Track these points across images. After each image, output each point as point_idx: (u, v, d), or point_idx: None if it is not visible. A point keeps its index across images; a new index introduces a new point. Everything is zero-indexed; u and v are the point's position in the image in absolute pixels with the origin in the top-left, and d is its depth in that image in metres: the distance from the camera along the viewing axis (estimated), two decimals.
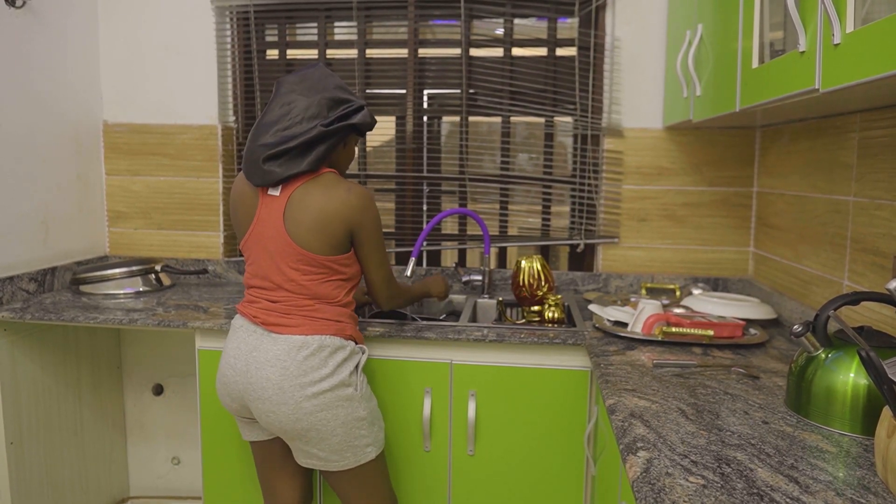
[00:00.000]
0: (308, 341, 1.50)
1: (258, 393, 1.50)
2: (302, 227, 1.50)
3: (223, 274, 2.50)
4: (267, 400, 1.50)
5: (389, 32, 2.46)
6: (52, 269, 2.23)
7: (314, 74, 1.56)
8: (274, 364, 1.49)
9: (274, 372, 1.49)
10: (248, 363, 1.53)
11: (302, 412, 1.48)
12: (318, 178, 1.54)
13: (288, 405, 1.48)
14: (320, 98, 1.51)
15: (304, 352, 1.49)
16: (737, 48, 1.45)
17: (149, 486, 2.56)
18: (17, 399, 1.99)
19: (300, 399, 1.48)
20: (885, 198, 1.43)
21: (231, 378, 1.56)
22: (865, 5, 0.95)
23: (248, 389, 1.52)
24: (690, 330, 1.67)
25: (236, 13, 2.45)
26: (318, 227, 1.50)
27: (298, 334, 1.51)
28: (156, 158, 2.50)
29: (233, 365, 1.55)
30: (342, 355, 1.54)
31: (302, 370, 1.49)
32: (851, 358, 1.12)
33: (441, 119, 2.49)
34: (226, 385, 1.58)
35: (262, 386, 1.50)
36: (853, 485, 0.92)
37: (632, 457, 1.02)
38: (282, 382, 1.48)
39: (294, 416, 1.49)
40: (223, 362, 1.59)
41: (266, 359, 1.50)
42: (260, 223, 1.55)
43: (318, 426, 1.50)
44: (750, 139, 2.23)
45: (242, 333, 1.57)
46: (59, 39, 2.26)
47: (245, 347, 1.54)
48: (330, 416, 1.50)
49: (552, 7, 2.33)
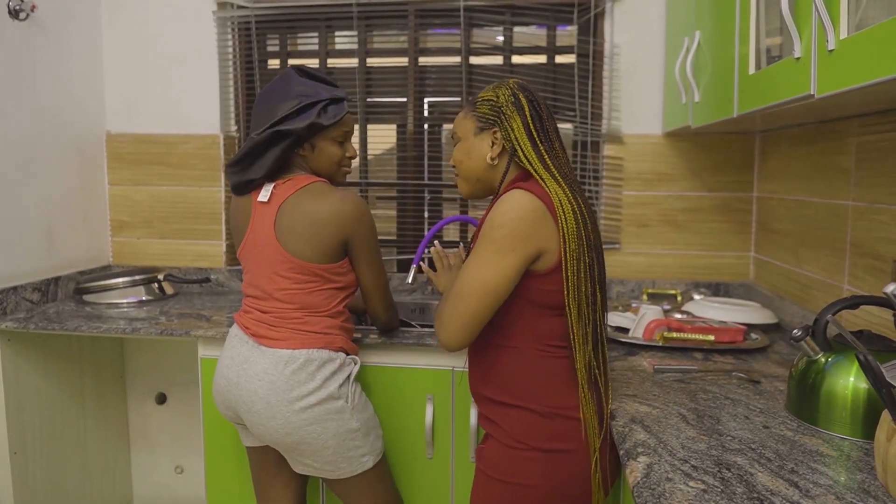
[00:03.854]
0: (295, 355, 1.50)
1: (248, 406, 1.51)
2: (294, 234, 1.51)
3: (225, 283, 2.51)
4: (256, 413, 1.50)
5: (390, 41, 2.47)
6: (56, 278, 2.24)
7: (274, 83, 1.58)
8: (262, 378, 1.50)
9: (262, 386, 1.49)
10: (238, 374, 1.53)
11: (291, 426, 1.48)
12: (308, 186, 1.54)
13: (276, 419, 1.48)
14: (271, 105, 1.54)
15: (291, 366, 1.49)
16: (734, 54, 1.46)
17: (152, 494, 2.57)
18: (20, 409, 2.00)
19: (288, 414, 1.48)
20: (883, 202, 1.43)
21: (224, 387, 1.57)
22: (859, 12, 0.96)
23: (239, 401, 1.53)
24: (691, 335, 1.67)
25: (238, 23, 2.47)
26: (309, 234, 1.50)
27: (285, 348, 1.51)
28: (158, 168, 2.51)
29: (225, 375, 1.56)
30: (331, 368, 1.53)
31: (289, 385, 1.48)
32: (851, 362, 1.12)
33: (442, 126, 2.50)
34: (220, 394, 1.59)
35: (250, 399, 1.50)
36: (853, 489, 0.92)
37: (632, 462, 1.03)
38: (269, 397, 1.48)
39: (283, 430, 1.49)
40: (217, 371, 1.60)
41: (255, 372, 1.51)
42: (253, 231, 1.56)
43: (309, 439, 1.50)
44: (749, 144, 2.24)
45: (236, 343, 1.58)
46: (62, 51, 2.28)
47: (237, 358, 1.55)
48: (320, 430, 1.50)
49: (551, 15, 2.34)
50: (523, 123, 1.24)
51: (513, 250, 1.15)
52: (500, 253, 1.15)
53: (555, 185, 1.19)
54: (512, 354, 1.24)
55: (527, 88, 1.28)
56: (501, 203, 1.17)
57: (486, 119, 1.28)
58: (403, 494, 1.83)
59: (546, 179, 1.20)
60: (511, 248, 1.14)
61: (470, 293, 1.16)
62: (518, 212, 1.15)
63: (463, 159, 1.32)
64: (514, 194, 1.17)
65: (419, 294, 2.41)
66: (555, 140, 1.27)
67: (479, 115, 1.29)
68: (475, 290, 1.16)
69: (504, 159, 1.28)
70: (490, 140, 1.28)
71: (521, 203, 1.15)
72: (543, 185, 1.19)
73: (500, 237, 1.15)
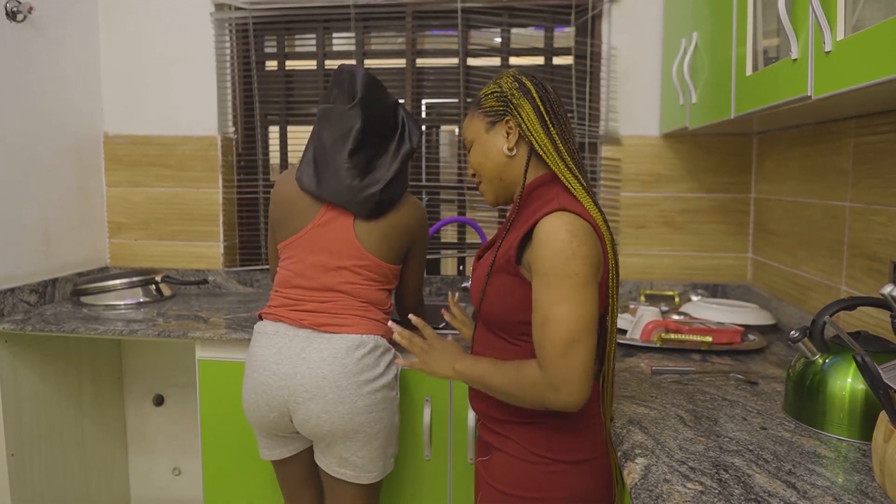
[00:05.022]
0: (364, 340, 1.52)
1: (312, 393, 1.48)
2: (373, 235, 1.56)
3: (223, 284, 2.51)
4: (322, 399, 1.48)
5: (387, 43, 2.47)
6: (53, 280, 2.24)
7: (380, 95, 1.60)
8: (331, 363, 1.49)
9: (332, 370, 1.48)
10: (295, 365, 1.50)
11: (356, 411, 1.49)
12: None
13: (345, 403, 1.48)
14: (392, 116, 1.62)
15: (361, 350, 1.51)
16: (731, 56, 1.46)
17: (150, 496, 2.56)
18: (18, 410, 2.00)
19: (356, 398, 1.49)
20: (880, 203, 1.43)
21: (274, 384, 1.51)
22: (856, 13, 0.96)
23: (297, 393, 1.49)
24: (689, 336, 1.67)
25: (236, 25, 2.47)
26: (388, 236, 1.57)
27: (354, 333, 1.52)
28: (156, 169, 2.51)
29: (275, 371, 1.51)
30: (389, 357, 1.57)
31: (359, 368, 1.50)
32: (849, 363, 1.12)
33: (439, 128, 2.50)
34: (265, 394, 1.52)
35: (317, 385, 1.48)
36: (851, 490, 0.92)
37: (630, 463, 1.03)
38: (340, 380, 1.48)
39: (349, 414, 1.49)
40: (263, 369, 1.53)
41: (321, 357, 1.49)
42: (322, 226, 1.56)
43: (367, 427, 1.51)
44: (747, 146, 2.24)
45: (282, 339, 1.54)
46: (60, 52, 2.27)
47: (288, 351, 1.52)
48: (377, 418, 1.52)
49: (549, 16, 2.34)
50: (533, 107, 1.17)
51: (593, 276, 1.08)
52: (587, 285, 1.06)
53: (582, 191, 1.13)
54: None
55: (529, 73, 1.22)
56: (558, 231, 1.07)
57: (495, 111, 1.21)
58: (402, 495, 1.83)
59: (570, 181, 1.14)
60: (592, 274, 1.07)
61: (579, 339, 1.05)
62: (580, 236, 1.07)
63: (481, 161, 1.23)
64: (562, 218, 1.08)
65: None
66: (565, 122, 1.19)
67: (486, 110, 1.23)
68: (581, 333, 1.06)
69: (522, 149, 1.20)
70: (504, 131, 1.20)
71: (576, 226, 1.07)
72: (572, 193, 1.13)
73: (578, 268, 1.06)
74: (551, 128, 1.17)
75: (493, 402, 1.21)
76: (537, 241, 1.08)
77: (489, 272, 1.18)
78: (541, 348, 1.07)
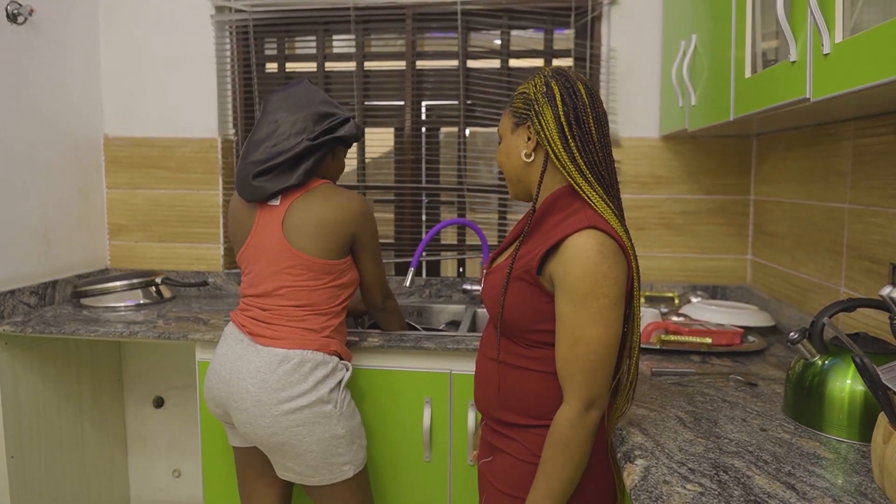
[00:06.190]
0: (290, 355, 1.51)
1: (237, 403, 1.52)
2: (302, 234, 1.55)
3: (223, 286, 2.51)
4: (245, 411, 1.51)
5: (388, 45, 2.48)
6: (53, 282, 2.24)
7: (299, 91, 1.62)
8: (254, 376, 1.51)
9: (253, 384, 1.50)
10: (231, 372, 1.54)
11: (278, 426, 1.49)
12: (316, 188, 1.59)
13: (265, 418, 1.49)
14: (306, 114, 1.58)
15: (285, 366, 1.50)
16: (730, 58, 1.46)
17: (150, 498, 2.56)
18: (18, 412, 2.00)
19: (277, 414, 1.49)
20: (879, 205, 1.44)
21: (216, 384, 1.58)
22: (854, 16, 0.96)
23: (230, 398, 1.54)
24: (689, 338, 1.68)
25: (236, 27, 2.47)
26: (318, 233, 1.55)
27: (281, 347, 1.52)
28: (156, 171, 2.51)
29: (218, 372, 1.58)
30: (323, 371, 1.54)
31: (281, 384, 1.49)
32: (848, 364, 1.12)
33: (439, 130, 2.51)
34: (210, 391, 1.60)
35: (241, 397, 1.51)
36: (850, 491, 0.92)
37: (629, 465, 1.03)
38: (260, 395, 1.49)
39: (270, 429, 1.49)
40: (210, 368, 1.62)
41: (248, 370, 1.52)
42: (257, 234, 1.59)
43: (294, 441, 1.50)
44: (746, 147, 2.25)
45: (231, 341, 1.59)
46: (60, 54, 2.28)
47: (231, 356, 1.57)
48: (306, 433, 1.50)
49: (548, 18, 2.35)
50: (554, 115, 1.13)
51: (622, 297, 1.09)
52: (615, 305, 1.07)
53: (602, 205, 1.12)
54: (537, 378, 1.18)
55: (564, 74, 1.17)
56: (589, 252, 1.06)
57: (520, 114, 1.19)
58: (402, 496, 1.83)
59: (589, 194, 1.12)
60: (621, 295, 1.08)
61: (608, 360, 1.08)
62: (610, 258, 1.07)
63: (504, 160, 1.24)
64: (594, 237, 1.07)
65: (417, 297, 2.41)
66: (589, 132, 1.14)
67: (514, 109, 1.21)
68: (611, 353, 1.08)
69: (540, 156, 1.18)
70: (525, 135, 1.19)
71: (606, 247, 1.07)
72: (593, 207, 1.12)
73: (608, 290, 1.06)
74: (570, 140, 1.13)
75: (499, 404, 1.21)
76: (566, 258, 1.08)
77: (507, 278, 1.16)
78: (568, 364, 1.10)
